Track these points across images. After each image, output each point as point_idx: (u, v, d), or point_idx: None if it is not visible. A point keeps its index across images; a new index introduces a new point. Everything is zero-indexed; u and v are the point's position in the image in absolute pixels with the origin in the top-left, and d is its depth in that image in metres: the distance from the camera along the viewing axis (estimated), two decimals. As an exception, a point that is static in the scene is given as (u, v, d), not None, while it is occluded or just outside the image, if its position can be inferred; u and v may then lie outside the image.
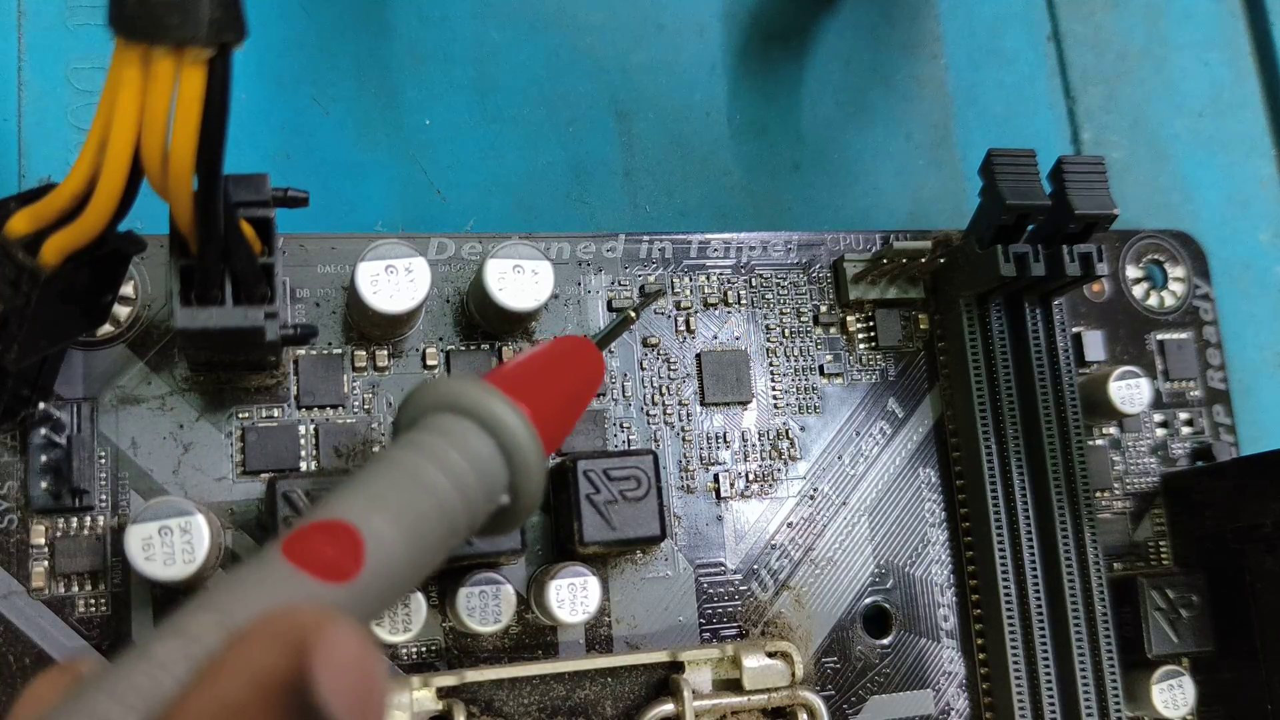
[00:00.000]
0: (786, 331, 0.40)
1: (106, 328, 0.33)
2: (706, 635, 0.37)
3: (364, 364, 0.35)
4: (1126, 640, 0.39)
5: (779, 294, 0.40)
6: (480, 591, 0.33)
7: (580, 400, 0.30)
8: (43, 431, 0.32)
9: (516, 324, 0.36)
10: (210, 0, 0.22)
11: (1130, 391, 0.40)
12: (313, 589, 0.20)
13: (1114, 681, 0.37)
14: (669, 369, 0.38)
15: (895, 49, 0.46)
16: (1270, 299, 0.47)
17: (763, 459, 0.39)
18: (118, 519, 0.33)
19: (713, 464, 0.38)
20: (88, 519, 0.32)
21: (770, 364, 0.39)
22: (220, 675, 0.18)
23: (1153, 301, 0.44)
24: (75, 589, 0.32)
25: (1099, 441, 0.42)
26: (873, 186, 0.45)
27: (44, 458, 0.32)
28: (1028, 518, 0.38)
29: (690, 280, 0.39)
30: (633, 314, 0.34)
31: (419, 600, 0.33)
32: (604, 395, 0.37)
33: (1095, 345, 0.42)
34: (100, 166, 0.24)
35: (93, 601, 0.32)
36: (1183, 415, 0.43)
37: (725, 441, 0.38)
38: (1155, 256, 0.44)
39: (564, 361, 0.30)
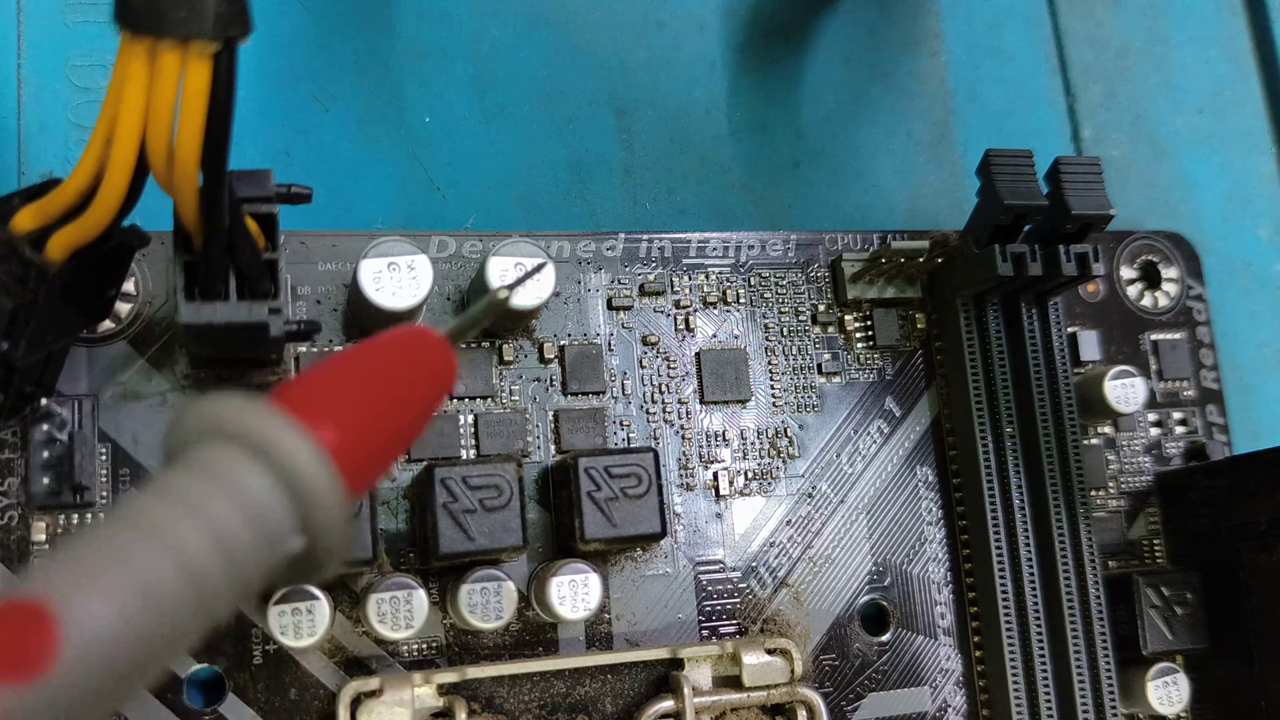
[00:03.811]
0: (785, 330, 0.40)
1: (107, 324, 0.33)
2: (706, 632, 0.37)
3: (364, 361, 0.35)
4: (1122, 638, 0.39)
5: (777, 293, 0.40)
6: (482, 588, 0.33)
7: (415, 407, 0.24)
8: (44, 428, 0.32)
9: (518, 321, 0.36)
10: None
11: (1125, 391, 0.41)
12: None
13: (1109, 679, 0.37)
14: (669, 367, 0.38)
15: (895, 46, 0.47)
16: (1270, 296, 0.47)
17: (761, 457, 0.39)
18: (118, 516, 0.32)
19: (712, 462, 0.38)
20: (89, 515, 0.32)
21: (769, 363, 0.39)
22: None
23: (1146, 302, 0.44)
24: (76, 586, 0.32)
25: (1094, 440, 0.42)
26: (873, 184, 0.45)
27: (45, 454, 0.32)
28: (1024, 516, 0.38)
29: (689, 279, 0.39)
30: (504, 292, 0.28)
31: (420, 597, 0.33)
32: (604, 394, 0.37)
33: (1090, 345, 0.43)
34: (106, 162, 0.24)
35: (93, 598, 0.32)
36: (1176, 415, 0.44)
37: (724, 440, 0.38)
38: (1149, 257, 0.44)
39: (387, 363, 0.24)
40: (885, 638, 0.39)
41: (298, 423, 0.20)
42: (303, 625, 0.32)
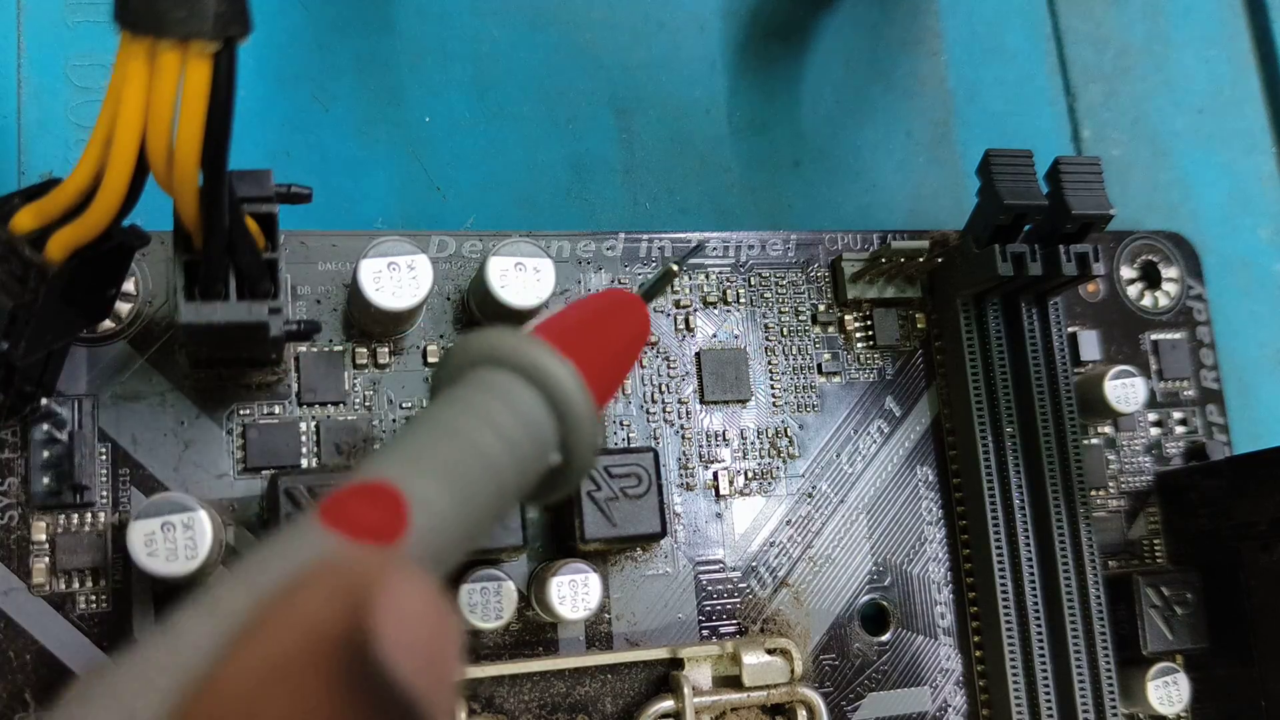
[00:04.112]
0: (785, 330, 0.40)
1: (107, 324, 0.33)
2: (706, 632, 0.37)
3: (365, 361, 0.35)
4: (1122, 638, 0.39)
5: (777, 293, 0.40)
6: (481, 588, 0.33)
7: (628, 355, 0.28)
8: (44, 427, 0.32)
9: (518, 322, 0.36)
10: (215, -6, 0.22)
11: (1125, 391, 0.40)
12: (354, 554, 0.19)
13: (1110, 678, 0.37)
14: (669, 367, 0.38)
15: (895, 46, 0.47)
16: (1270, 296, 0.47)
17: (761, 457, 0.39)
18: (118, 515, 0.32)
19: (712, 462, 0.38)
20: (89, 515, 0.32)
21: (769, 362, 0.39)
22: (265, 631, 0.16)
23: (1147, 302, 0.44)
24: (76, 585, 0.32)
25: (1094, 440, 0.42)
26: (873, 183, 0.45)
27: (45, 454, 0.32)
28: (1024, 516, 0.38)
29: (689, 279, 0.39)
30: (675, 267, 0.33)
31: (420, 597, 0.33)
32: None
33: (1090, 345, 0.43)
34: (105, 162, 0.24)
35: (94, 598, 0.32)
36: (1176, 414, 0.44)
37: (724, 439, 0.38)
38: (1149, 257, 0.44)
39: (611, 315, 0.28)
40: (885, 638, 0.39)
41: (559, 354, 0.23)
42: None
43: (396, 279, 0.33)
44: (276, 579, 0.17)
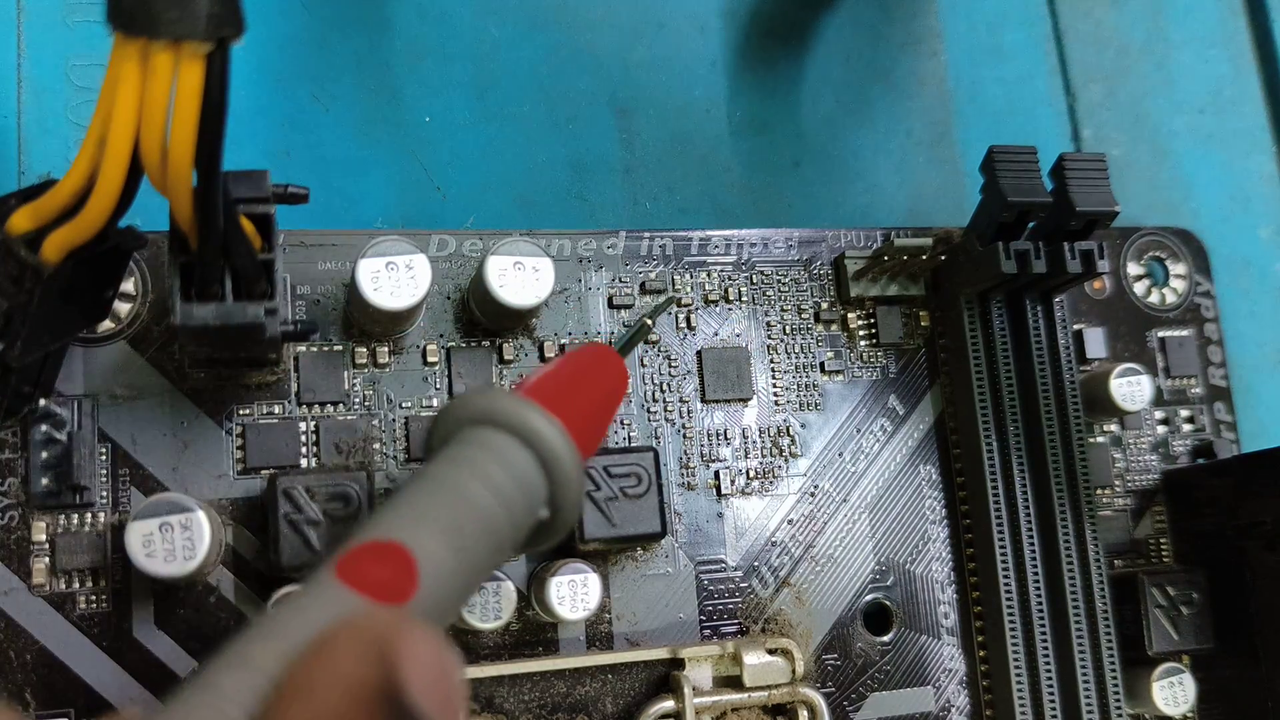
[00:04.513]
0: (787, 328, 0.40)
1: (107, 324, 0.33)
2: (707, 632, 0.37)
3: (364, 361, 0.35)
4: (1127, 637, 0.39)
5: (780, 291, 0.40)
6: (480, 588, 0.33)
7: (608, 409, 0.30)
8: (44, 428, 0.32)
9: (517, 321, 0.36)
10: (208, -5, 0.22)
11: (1131, 389, 0.40)
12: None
13: (1114, 679, 0.37)
14: (670, 366, 0.38)
15: (895, 46, 0.46)
16: (1270, 296, 0.47)
17: (763, 456, 0.39)
18: (118, 515, 0.33)
19: (713, 461, 0.38)
20: (88, 515, 0.32)
21: (771, 361, 0.39)
22: (312, 688, 0.18)
23: (1154, 299, 0.44)
24: (76, 585, 0.32)
25: (1100, 439, 0.42)
26: (873, 183, 0.45)
27: (45, 454, 0.32)
28: (1028, 515, 0.38)
29: (691, 277, 0.39)
30: (649, 322, 0.35)
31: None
32: (604, 392, 0.37)
33: (1096, 342, 0.42)
34: (100, 163, 0.24)
35: (93, 598, 0.32)
36: (1184, 412, 0.43)
37: (726, 438, 0.38)
38: (1156, 254, 0.44)
39: (591, 371, 0.29)
40: (888, 637, 0.39)
41: (549, 414, 0.24)
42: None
43: (395, 279, 0.33)
44: (305, 636, 0.19)
